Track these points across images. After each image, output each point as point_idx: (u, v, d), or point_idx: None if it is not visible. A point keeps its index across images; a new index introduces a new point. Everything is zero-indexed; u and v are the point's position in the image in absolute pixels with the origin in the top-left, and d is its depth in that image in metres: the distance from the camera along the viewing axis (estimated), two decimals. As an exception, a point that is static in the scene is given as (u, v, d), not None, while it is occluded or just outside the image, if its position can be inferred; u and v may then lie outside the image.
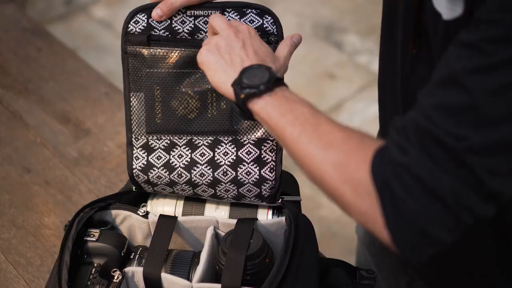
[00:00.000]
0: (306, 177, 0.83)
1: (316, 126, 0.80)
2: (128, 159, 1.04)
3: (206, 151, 1.01)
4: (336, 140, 0.78)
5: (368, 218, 0.75)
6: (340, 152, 0.77)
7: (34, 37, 1.66)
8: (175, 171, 1.02)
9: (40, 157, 1.38)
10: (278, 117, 0.83)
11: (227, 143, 1.01)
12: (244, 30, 0.93)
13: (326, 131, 0.80)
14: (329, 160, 0.77)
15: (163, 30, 0.99)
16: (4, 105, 1.49)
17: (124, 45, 1.00)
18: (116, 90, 1.53)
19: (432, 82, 0.74)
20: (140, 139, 1.03)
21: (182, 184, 1.03)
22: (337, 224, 2.27)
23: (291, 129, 0.82)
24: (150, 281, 0.97)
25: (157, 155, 1.02)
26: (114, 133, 1.43)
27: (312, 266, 0.98)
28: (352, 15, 3.04)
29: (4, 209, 1.27)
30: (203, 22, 0.99)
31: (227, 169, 1.01)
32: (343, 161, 0.77)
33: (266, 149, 1.00)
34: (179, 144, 1.02)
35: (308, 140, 0.80)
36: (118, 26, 3.07)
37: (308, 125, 0.81)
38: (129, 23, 1.00)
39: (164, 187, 1.04)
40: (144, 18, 0.99)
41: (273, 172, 1.00)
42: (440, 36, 0.80)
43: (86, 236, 1.01)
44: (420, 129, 0.72)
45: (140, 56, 1.00)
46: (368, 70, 2.76)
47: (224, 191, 1.02)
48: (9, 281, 1.16)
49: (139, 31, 0.99)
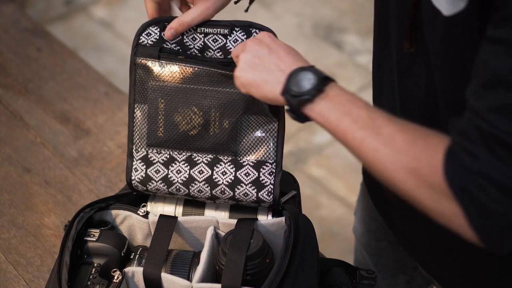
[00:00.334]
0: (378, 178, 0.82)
1: (377, 129, 0.79)
2: (127, 170, 1.04)
3: (205, 168, 1.01)
4: (401, 143, 0.77)
5: (450, 220, 0.76)
6: (408, 157, 0.77)
7: (34, 37, 1.66)
8: (173, 185, 1.02)
9: (40, 157, 1.38)
10: (336, 121, 0.82)
11: (226, 162, 1.01)
12: (264, 36, 0.92)
13: (389, 135, 0.78)
14: (399, 167, 0.77)
15: (174, 44, 1.00)
16: (4, 105, 1.49)
17: (134, 57, 1.01)
18: (116, 90, 1.53)
19: (477, 82, 0.73)
20: (140, 151, 1.03)
21: (180, 196, 1.04)
22: (337, 224, 2.27)
23: (352, 135, 0.81)
24: (150, 281, 0.97)
25: (156, 168, 1.02)
26: (114, 133, 1.43)
27: (312, 266, 0.98)
28: (352, 15, 3.04)
29: (4, 209, 1.27)
30: (212, 40, 0.99)
31: (224, 188, 1.01)
32: (414, 167, 0.76)
33: (264, 172, 1.00)
34: (178, 159, 1.02)
35: (373, 146, 0.79)
36: (118, 26, 3.07)
37: (368, 130, 0.80)
38: (141, 34, 1.00)
39: (163, 195, 1.05)
40: (156, 31, 1.00)
41: (271, 196, 1.00)
42: (440, 32, 0.80)
43: (86, 236, 1.01)
44: (482, 132, 0.72)
45: (148, 69, 1.00)
46: (368, 70, 2.76)
47: (222, 203, 1.04)
48: (9, 281, 1.16)
49: (151, 43, 1.00)
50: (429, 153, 0.76)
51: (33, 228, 1.24)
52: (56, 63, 1.59)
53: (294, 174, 1.11)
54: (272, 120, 0.99)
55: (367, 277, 1.04)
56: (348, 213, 2.29)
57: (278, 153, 0.99)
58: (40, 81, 1.54)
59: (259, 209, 1.04)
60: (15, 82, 1.54)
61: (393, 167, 0.78)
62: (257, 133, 0.99)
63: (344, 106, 0.82)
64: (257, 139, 0.99)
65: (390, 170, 0.78)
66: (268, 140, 0.99)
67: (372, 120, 0.80)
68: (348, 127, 0.81)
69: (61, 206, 1.28)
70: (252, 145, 1.00)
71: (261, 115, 0.99)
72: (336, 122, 0.82)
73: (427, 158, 0.75)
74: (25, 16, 1.77)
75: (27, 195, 1.30)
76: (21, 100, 1.50)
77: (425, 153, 0.76)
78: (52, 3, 3.19)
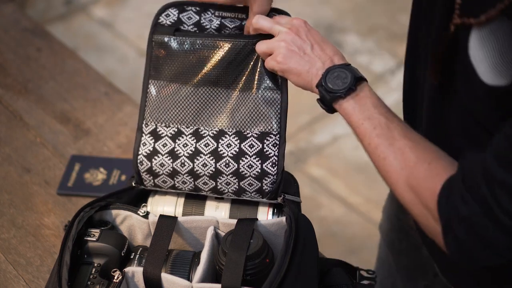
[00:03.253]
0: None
1: (391, 141, 0.86)
2: (135, 145, 1.05)
3: (211, 141, 1.03)
4: (408, 161, 0.84)
5: (432, 235, 0.84)
6: (411, 175, 0.84)
7: (34, 37, 1.66)
8: (178, 159, 1.03)
9: (40, 157, 1.38)
10: (357, 123, 0.90)
11: (231, 135, 1.02)
12: (301, 26, 0.98)
13: (399, 149, 0.85)
14: (402, 180, 0.85)
15: (191, 25, 1.05)
16: (4, 105, 1.49)
17: (152, 35, 1.05)
18: (116, 90, 1.53)
19: (497, 151, 0.74)
20: (150, 125, 1.05)
21: (184, 174, 1.03)
22: (337, 224, 2.27)
23: (368, 140, 0.88)
24: (150, 281, 0.97)
25: (163, 142, 1.04)
26: (114, 133, 1.43)
27: (312, 266, 0.98)
28: (352, 15, 3.04)
29: (4, 209, 1.27)
30: (229, 21, 1.05)
31: (229, 160, 1.01)
32: (414, 185, 0.83)
33: (268, 143, 1.01)
34: (185, 133, 1.04)
35: (384, 155, 0.86)
36: (118, 26, 3.08)
37: (383, 139, 0.87)
38: (160, 14, 1.06)
39: (165, 178, 1.04)
40: (175, 12, 1.05)
41: (275, 167, 1.01)
42: (478, 93, 0.79)
43: (86, 236, 1.01)
44: (481, 191, 0.75)
45: (164, 45, 1.04)
46: (368, 70, 2.76)
47: (225, 184, 1.03)
48: (9, 281, 1.16)
49: (169, 23, 1.05)
50: (430, 180, 0.82)
51: (33, 228, 1.24)
52: (56, 63, 1.59)
53: (294, 174, 1.11)
54: (276, 93, 1.02)
55: (367, 277, 1.04)
56: (348, 213, 2.29)
57: (282, 125, 1.02)
58: (40, 81, 1.54)
59: (259, 208, 1.04)
60: (15, 82, 1.54)
61: (396, 178, 0.85)
62: (261, 106, 1.02)
63: (368, 109, 0.89)
64: (261, 112, 1.02)
65: (394, 180, 0.86)
66: (271, 112, 1.02)
67: (389, 130, 0.87)
68: (366, 131, 0.89)
69: (61, 206, 1.28)
70: (256, 117, 1.02)
71: (265, 89, 1.02)
72: (357, 123, 0.90)
73: (427, 183, 0.82)
74: (25, 16, 1.77)
75: (27, 195, 1.30)
76: (21, 100, 1.50)
77: (426, 178, 0.82)
78: (52, 3, 3.19)
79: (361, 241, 2.21)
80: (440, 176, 0.81)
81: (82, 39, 2.98)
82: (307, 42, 0.96)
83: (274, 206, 1.05)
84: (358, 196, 2.34)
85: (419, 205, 0.83)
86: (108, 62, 2.73)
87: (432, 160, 0.83)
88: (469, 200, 0.76)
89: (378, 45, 2.84)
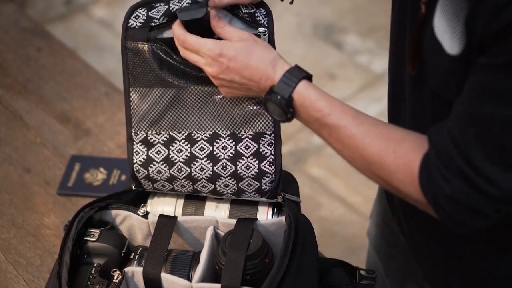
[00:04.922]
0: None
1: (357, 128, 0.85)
2: (128, 154, 1.04)
3: (205, 145, 1.02)
4: (372, 150, 0.84)
5: (423, 208, 0.84)
6: (379, 168, 0.84)
7: (34, 37, 1.66)
8: (174, 165, 1.02)
9: (40, 157, 1.38)
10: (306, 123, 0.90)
11: (225, 137, 1.01)
12: (224, 63, 0.92)
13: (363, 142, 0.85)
14: (373, 174, 0.85)
15: (162, 17, 0.99)
16: (4, 105, 1.49)
17: (124, 40, 1.00)
18: (116, 90, 1.53)
19: (457, 114, 0.77)
20: (140, 134, 1.03)
21: (182, 179, 1.03)
22: (337, 224, 2.27)
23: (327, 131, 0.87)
24: (150, 281, 0.97)
25: (157, 149, 1.03)
26: (114, 133, 1.43)
27: (312, 266, 0.98)
28: (352, 15, 3.04)
29: (4, 209, 1.27)
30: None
31: (226, 163, 1.01)
32: (387, 179, 0.84)
33: (264, 143, 1.01)
34: (178, 138, 1.02)
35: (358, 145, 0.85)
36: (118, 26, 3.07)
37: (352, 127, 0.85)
38: (129, 18, 1.00)
39: (164, 183, 1.04)
40: (144, 12, 0.99)
41: (273, 166, 1.01)
42: (445, 68, 0.81)
43: (86, 236, 1.01)
44: (456, 162, 0.77)
45: (139, 52, 1.00)
46: (368, 70, 2.76)
47: (224, 186, 1.03)
48: (9, 281, 1.16)
49: (140, 24, 0.99)
50: (405, 168, 0.82)
51: (33, 228, 1.24)
52: (56, 63, 1.60)
53: (294, 174, 1.11)
54: None
55: (367, 277, 1.04)
56: (348, 213, 2.29)
57: (276, 124, 1.00)
58: (40, 81, 1.54)
59: (259, 208, 1.04)
60: (15, 82, 1.54)
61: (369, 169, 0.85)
62: (253, 106, 1.00)
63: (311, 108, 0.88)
64: (253, 112, 1.00)
65: (364, 169, 0.86)
66: (263, 112, 0.99)
67: (356, 118, 0.86)
68: (330, 122, 0.87)
69: (61, 206, 1.28)
70: (249, 118, 1.00)
71: None
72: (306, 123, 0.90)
73: (399, 171, 0.82)
74: (25, 16, 1.77)
75: (27, 195, 1.30)
76: (21, 100, 1.50)
77: (397, 165, 0.82)
78: (52, 3, 3.19)
79: (361, 241, 2.21)
80: (414, 159, 0.81)
81: (82, 39, 2.98)
82: (236, 78, 0.92)
83: (273, 206, 1.05)
84: (358, 196, 2.33)
85: (395, 191, 0.85)
86: (108, 62, 2.73)
87: (396, 147, 0.83)
88: (448, 176, 0.77)
89: (378, 45, 2.84)
